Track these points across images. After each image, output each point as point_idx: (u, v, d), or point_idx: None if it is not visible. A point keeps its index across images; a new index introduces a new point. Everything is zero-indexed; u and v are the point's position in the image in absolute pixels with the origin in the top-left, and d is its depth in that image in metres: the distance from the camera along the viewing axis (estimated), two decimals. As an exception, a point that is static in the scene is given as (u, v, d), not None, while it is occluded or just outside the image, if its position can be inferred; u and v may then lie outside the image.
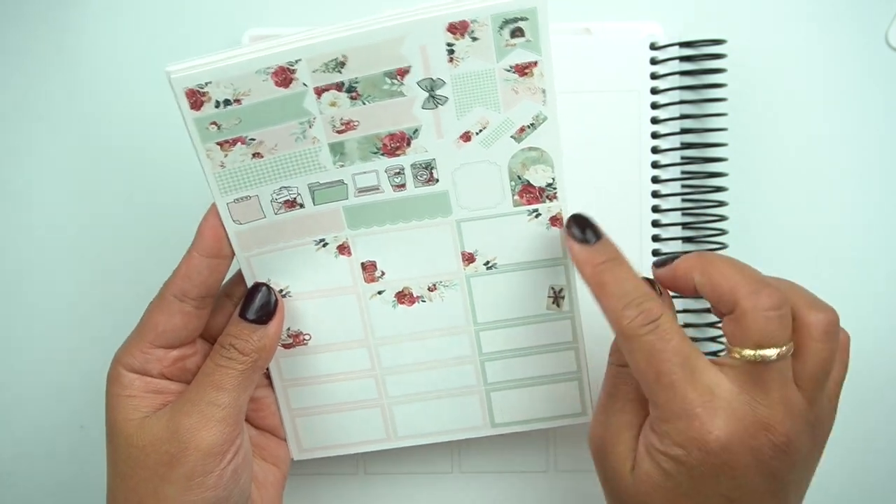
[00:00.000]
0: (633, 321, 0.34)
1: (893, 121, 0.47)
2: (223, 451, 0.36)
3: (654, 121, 0.44)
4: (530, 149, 0.37)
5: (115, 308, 0.48)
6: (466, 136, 0.37)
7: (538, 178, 0.38)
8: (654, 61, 0.44)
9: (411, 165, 0.37)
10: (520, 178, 0.38)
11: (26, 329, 0.48)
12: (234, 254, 0.38)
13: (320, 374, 0.41)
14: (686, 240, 0.45)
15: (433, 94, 0.36)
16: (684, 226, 0.45)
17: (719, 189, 0.45)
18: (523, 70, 0.36)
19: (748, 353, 0.33)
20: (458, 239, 0.39)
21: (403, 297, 0.40)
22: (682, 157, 0.45)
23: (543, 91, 0.36)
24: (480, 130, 0.37)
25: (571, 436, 0.47)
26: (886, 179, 0.47)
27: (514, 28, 0.34)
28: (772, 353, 0.32)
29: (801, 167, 0.47)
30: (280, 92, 0.35)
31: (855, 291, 0.47)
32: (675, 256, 0.36)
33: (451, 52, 0.35)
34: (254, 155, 0.36)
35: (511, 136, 0.37)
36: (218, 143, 0.36)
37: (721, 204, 0.45)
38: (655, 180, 0.45)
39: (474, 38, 0.35)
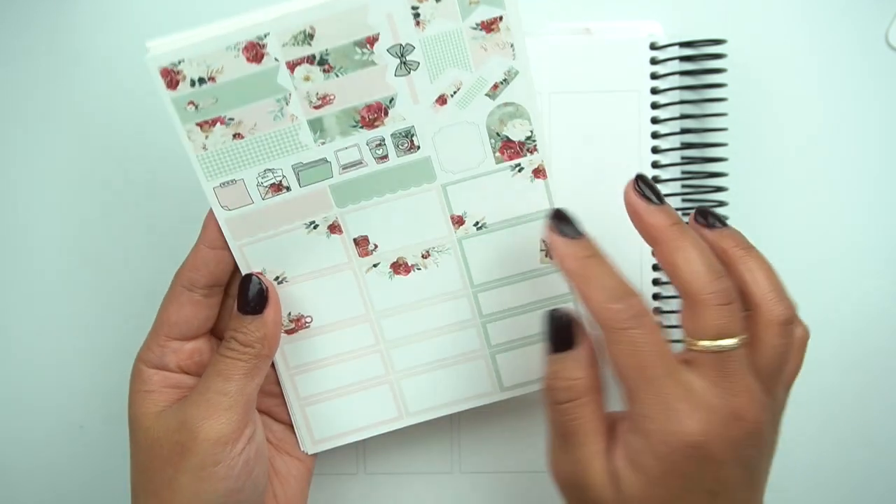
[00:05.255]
0: (619, 313, 0.33)
1: (893, 121, 0.47)
2: (232, 439, 0.37)
3: (654, 121, 0.44)
4: (506, 104, 0.38)
5: (114, 308, 0.48)
6: (442, 99, 0.37)
7: (517, 132, 0.38)
8: (654, 61, 0.44)
9: (391, 135, 0.38)
10: (499, 135, 0.38)
11: (26, 329, 0.48)
12: None
13: (326, 356, 0.42)
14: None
15: (404, 60, 0.36)
16: (685, 225, 0.45)
17: (719, 189, 0.45)
18: (489, 26, 0.36)
19: (707, 343, 0.33)
20: (445, 203, 0.40)
21: (399, 267, 0.41)
22: (683, 157, 0.45)
23: (512, 45, 0.37)
24: (455, 92, 0.37)
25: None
26: (886, 178, 0.47)
27: None
28: (730, 342, 0.33)
29: (801, 167, 0.47)
30: (253, 68, 0.35)
31: (854, 289, 0.47)
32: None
33: (416, 15, 0.35)
34: (234, 136, 0.37)
35: (486, 94, 0.38)
36: (198, 125, 0.36)
37: (721, 204, 0.45)
38: (656, 180, 0.44)
39: (438, 0, 0.35)
